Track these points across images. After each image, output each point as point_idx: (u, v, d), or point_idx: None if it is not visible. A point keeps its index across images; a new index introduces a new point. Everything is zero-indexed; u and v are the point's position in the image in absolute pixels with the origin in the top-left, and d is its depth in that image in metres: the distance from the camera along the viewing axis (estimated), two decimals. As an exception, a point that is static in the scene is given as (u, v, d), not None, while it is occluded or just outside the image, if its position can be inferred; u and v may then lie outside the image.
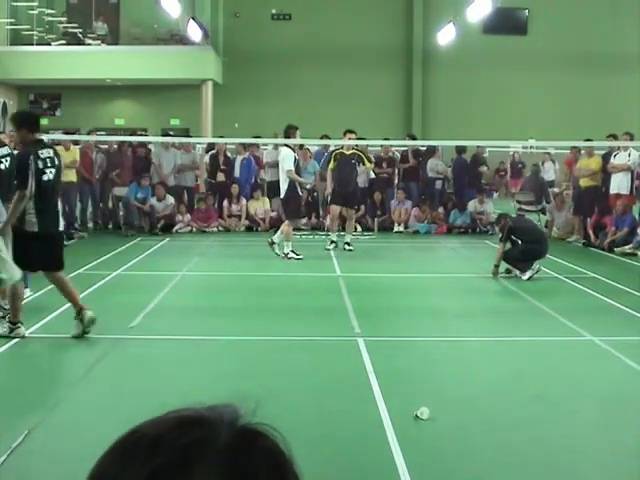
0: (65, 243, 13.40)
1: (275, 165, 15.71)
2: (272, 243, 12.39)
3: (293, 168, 12.27)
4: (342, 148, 13.77)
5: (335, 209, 13.82)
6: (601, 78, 27.84)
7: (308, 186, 12.64)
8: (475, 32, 26.36)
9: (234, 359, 6.69)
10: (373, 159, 17.08)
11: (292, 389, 5.89)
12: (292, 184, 12.34)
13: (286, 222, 12.65)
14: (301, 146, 15.72)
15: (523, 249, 10.79)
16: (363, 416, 5.27)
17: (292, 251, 12.40)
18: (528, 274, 10.70)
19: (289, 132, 12.39)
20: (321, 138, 15.31)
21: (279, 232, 12.62)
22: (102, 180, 16.31)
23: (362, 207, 16.60)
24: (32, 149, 7.06)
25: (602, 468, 4.55)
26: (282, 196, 12.70)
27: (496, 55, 27.96)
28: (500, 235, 11.16)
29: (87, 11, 27.43)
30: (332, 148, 16.12)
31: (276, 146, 16.23)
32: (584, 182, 15.27)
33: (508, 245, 10.95)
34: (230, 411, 0.81)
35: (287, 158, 12.35)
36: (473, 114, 27.77)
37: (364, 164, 13.75)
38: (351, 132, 13.59)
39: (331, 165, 13.81)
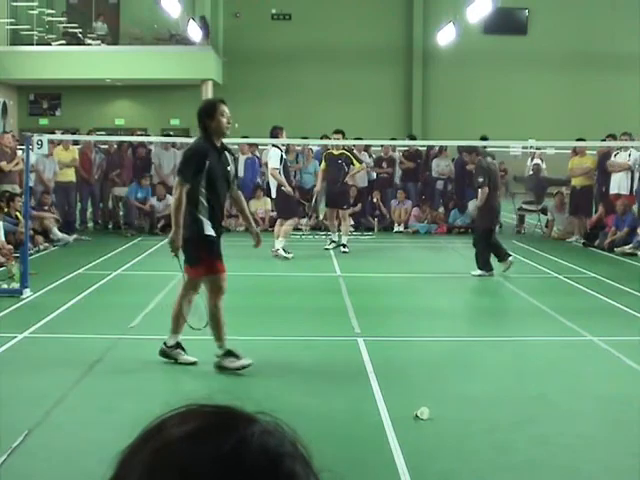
0: (66, 240, 13.47)
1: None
2: (277, 251, 12.42)
3: (279, 167, 12.31)
4: (332, 148, 13.84)
5: (329, 210, 14.07)
6: (601, 78, 27.84)
7: (283, 188, 12.49)
8: (475, 32, 26.37)
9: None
10: (370, 160, 17.07)
11: (292, 389, 5.89)
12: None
13: (287, 222, 12.64)
14: (287, 146, 15.81)
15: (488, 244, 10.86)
16: (363, 416, 5.27)
17: (283, 249, 12.46)
18: (479, 272, 10.86)
19: (276, 132, 12.37)
20: (321, 138, 15.32)
21: (278, 238, 12.58)
22: (102, 180, 16.31)
23: (359, 205, 16.51)
24: None
25: (602, 468, 4.55)
26: (274, 196, 12.73)
27: (496, 55, 27.97)
28: (482, 179, 10.91)
29: (87, 11, 27.43)
30: (317, 149, 16.14)
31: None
32: (579, 181, 15.29)
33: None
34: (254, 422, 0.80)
35: (273, 157, 12.41)
36: (473, 114, 27.77)
37: (353, 164, 13.72)
38: (338, 132, 13.55)
39: (322, 166, 13.91)
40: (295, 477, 0.76)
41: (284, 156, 12.63)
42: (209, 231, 6.19)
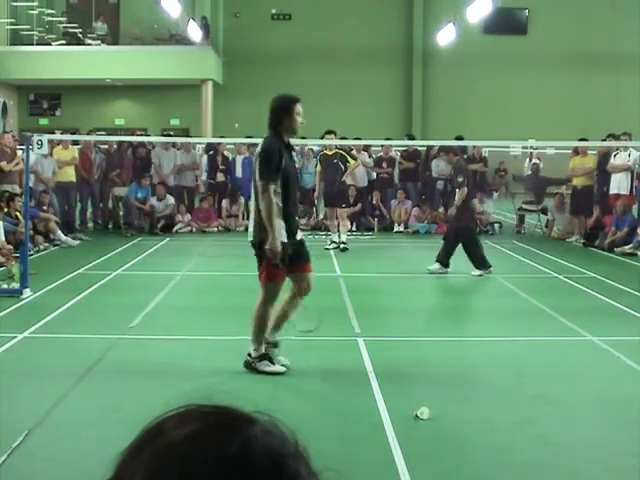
0: (69, 244, 13.46)
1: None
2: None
3: None
4: (325, 149, 13.98)
5: (329, 210, 14.17)
6: (601, 78, 27.85)
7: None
8: (475, 32, 26.38)
9: (234, 359, 6.68)
10: (370, 160, 17.07)
11: (292, 389, 5.89)
12: None
13: None
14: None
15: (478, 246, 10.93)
16: (363, 416, 5.27)
17: None
18: (478, 272, 10.85)
19: None
20: (321, 138, 15.32)
21: None
22: (102, 180, 16.31)
23: (359, 205, 16.49)
24: None
25: (602, 468, 4.54)
26: None
27: (496, 55, 27.98)
28: (461, 180, 11.02)
29: (87, 11, 27.45)
30: (317, 149, 16.21)
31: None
32: (580, 181, 15.30)
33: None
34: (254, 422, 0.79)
35: None
36: (473, 114, 27.77)
37: (348, 162, 13.87)
38: (330, 133, 13.63)
39: (318, 168, 14.09)
40: (299, 478, 0.76)
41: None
42: (284, 238, 6.00)
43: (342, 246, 13.43)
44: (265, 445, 0.75)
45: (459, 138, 13.89)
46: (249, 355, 6.25)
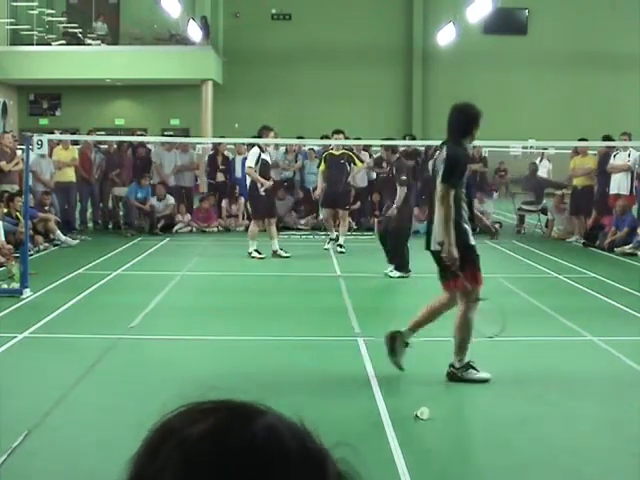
0: (69, 244, 13.46)
1: (275, 165, 15.72)
2: (250, 254, 12.44)
3: (254, 166, 12.25)
4: (332, 149, 13.70)
5: (326, 211, 13.71)
6: (601, 78, 27.86)
7: (262, 188, 12.34)
8: (475, 32, 26.40)
9: (234, 359, 6.69)
10: (370, 160, 17.06)
11: (292, 389, 5.88)
12: (254, 183, 12.32)
13: (252, 222, 12.64)
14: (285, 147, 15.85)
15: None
16: (363, 416, 5.27)
17: (256, 250, 12.40)
18: (398, 274, 10.66)
19: (262, 132, 12.35)
20: (321, 138, 15.32)
21: (272, 240, 12.60)
22: (102, 180, 16.30)
23: (358, 203, 16.40)
24: None
25: (602, 468, 4.54)
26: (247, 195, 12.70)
27: (496, 55, 27.99)
28: (404, 178, 10.77)
29: (87, 11, 27.46)
30: (318, 149, 16.11)
31: (276, 146, 16.23)
32: (581, 181, 15.30)
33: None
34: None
35: (251, 156, 12.36)
36: (473, 114, 27.73)
37: (354, 164, 13.68)
38: (339, 132, 13.40)
39: (321, 167, 13.63)
40: (324, 456, 0.76)
41: (262, 156, 12.45)
42: (473, 241, 6.03)
43: (339, 249, 13.28)
44: (287, 429, 0.76)
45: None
46: (452, 366, 6.09)
